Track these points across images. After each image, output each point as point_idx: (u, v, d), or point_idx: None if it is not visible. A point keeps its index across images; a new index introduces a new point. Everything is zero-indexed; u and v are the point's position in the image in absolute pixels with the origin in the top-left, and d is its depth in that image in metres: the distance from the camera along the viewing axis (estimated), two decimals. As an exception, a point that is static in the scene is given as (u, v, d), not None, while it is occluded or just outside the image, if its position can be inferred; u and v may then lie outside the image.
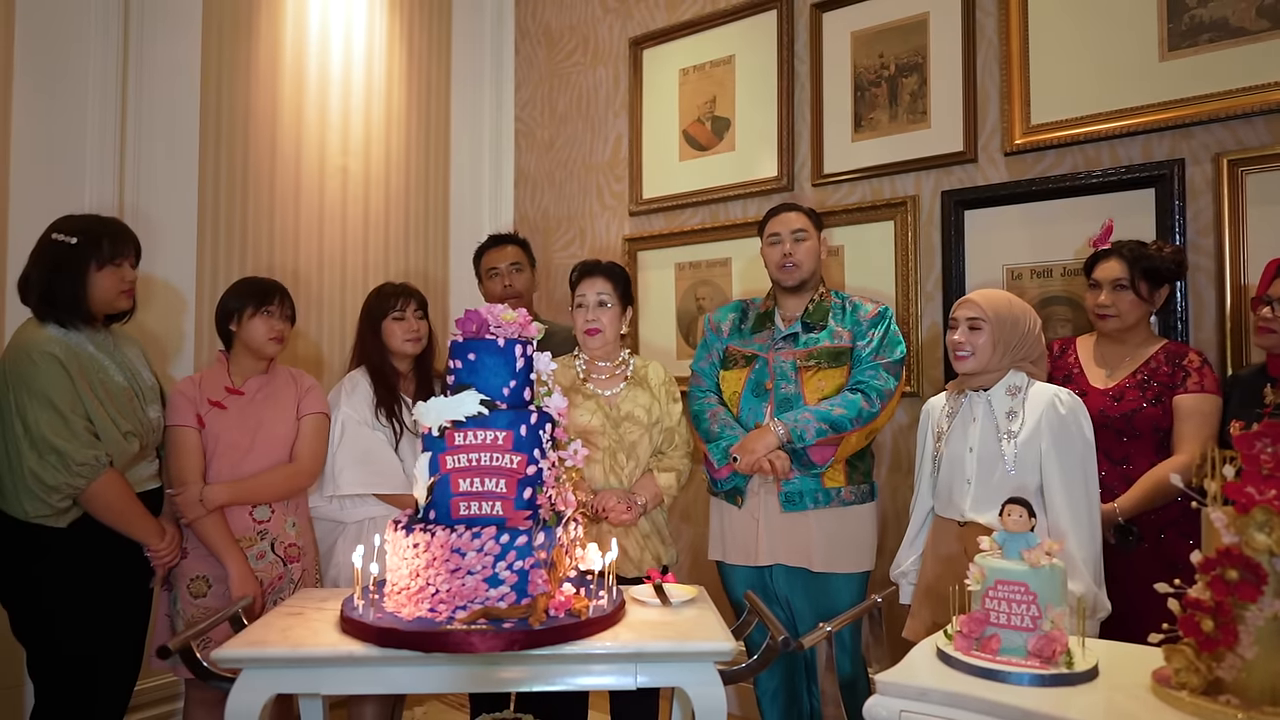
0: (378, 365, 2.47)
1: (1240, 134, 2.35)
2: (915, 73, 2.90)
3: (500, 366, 1.76)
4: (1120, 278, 2.19)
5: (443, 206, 3.91)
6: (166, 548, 2.13)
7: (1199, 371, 2.13)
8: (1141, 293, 2.18)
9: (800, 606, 2.36)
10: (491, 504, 1.69)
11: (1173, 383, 2.14)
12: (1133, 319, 2.21)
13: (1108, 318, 2.21)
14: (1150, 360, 2.20)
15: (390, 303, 2.49)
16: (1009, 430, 2.03)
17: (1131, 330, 2.22)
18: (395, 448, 2.40)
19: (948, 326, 2.16)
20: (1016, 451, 2.00)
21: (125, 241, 2.13)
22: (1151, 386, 2.15)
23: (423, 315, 2.54)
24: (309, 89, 3.37)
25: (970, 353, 2.06)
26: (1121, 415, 2.16)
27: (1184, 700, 1.29)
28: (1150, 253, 2.19)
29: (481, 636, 1.53)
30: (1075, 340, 2.37)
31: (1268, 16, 2.30)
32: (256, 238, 3.19)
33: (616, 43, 3.74)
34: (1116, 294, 2.20)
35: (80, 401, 1.97)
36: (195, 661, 1.60)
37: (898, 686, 1.46)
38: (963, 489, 2.07)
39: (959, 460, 2.08)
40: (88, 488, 1.97)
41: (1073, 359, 2.32)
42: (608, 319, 2.40)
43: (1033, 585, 1.48)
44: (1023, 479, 2.00)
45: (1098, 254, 2.27)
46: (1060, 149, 2.62)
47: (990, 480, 2.03)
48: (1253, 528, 1.29)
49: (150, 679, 2.69)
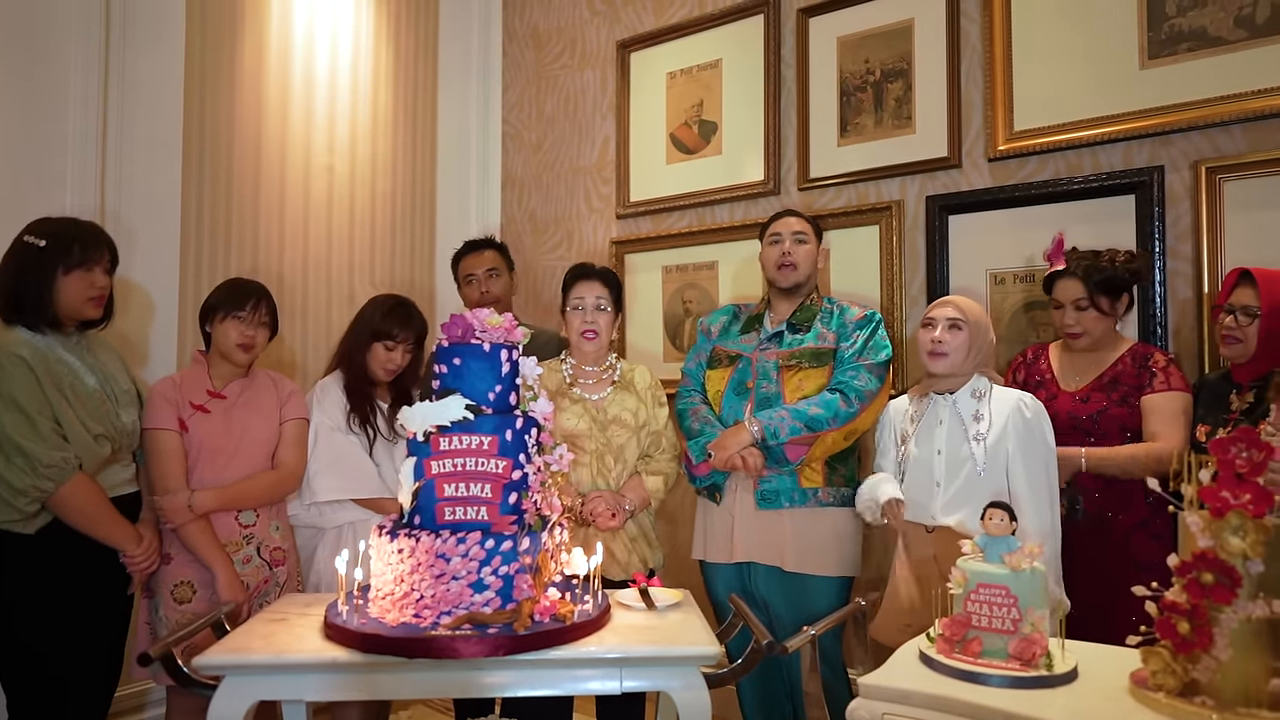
0: (356, 375, 2.41)
1: (1218, 142, 2.38)
2: (900, 78, 2.92)
3: (486, 371, 1.76)
4: (1080, 298, 2.21)
5: (429, 208, 3.91)
6: (143, 554, 2.10)
7: (1165, 371, 2.16)
8: (1103, 308, 2.20)
9: (779, 609, 2.37)
10: (477, 509, 1.69)
11: (1139, 384, 2.17)
12: (1100, 333, 2.23)
13: (1077, 335, 2.24)
14: (1117, 363, 2.23)
15: (390, 330, 2.39)
16: (977, 432, 2.06)
17: (1101, 341, 2.25)
18: (369, 453, 2.38)
19: (922, 325, 2.19)
20: (986, 453, 2.03)
21: (96, 246, 2.07)
22: (1119, 388, 2.18)
23: (413, 348, 2.44)
24: (294, 90, 3.36)
25: (948, 352, 2.10)
26: (1088, 416, 2.18)
27: (1161, 702, 1.31)
28: (1103, 265, 2.20)
29: (466, 642, 1.53)
30: (1048, 346, 2.40)
31: (1245, 26, 2.33)
32: (240, 240, 3.18)
33: (604, 45, 3.75)
34: (1080, 314, 2.22)
35: (48, 404, 1.94)
36: (177, 668, 1.59)
37: (880, 689, 1.47)
38: (931, 491, 2.09)
39: (927, 463, 2.11)
40: (56, 491, 1.93)
41: (1044, 364, 2.35)
42: (604, 322, 2.42)
43: (1014, 588, 1.50)
44: (991, 480, 2.03)
45: (1055, 273, 2.28)
46: (1043, 155, 2.64)
47: (959, 482, 2.06)
48: (1227, 532, 1.31)
49: (129, 686, 2.67)
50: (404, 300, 2.49)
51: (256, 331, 2.29)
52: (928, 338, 2.16)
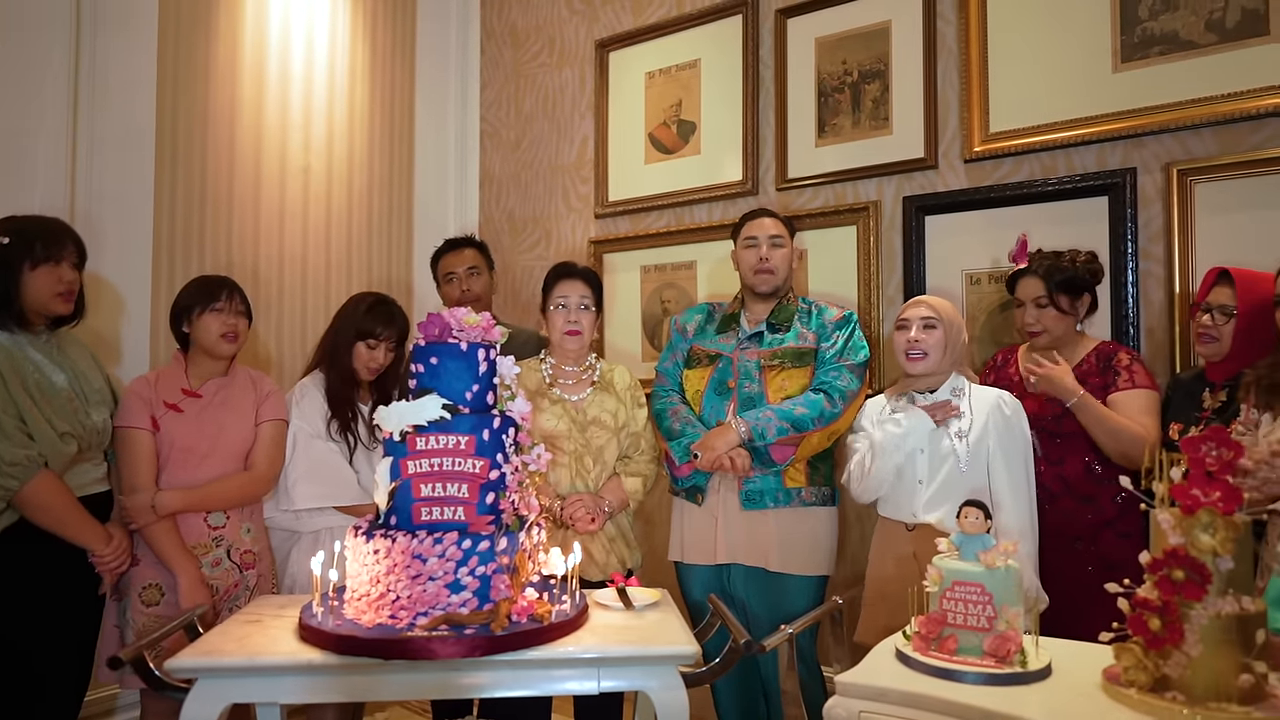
0: (339, 376, 2.38)
1: (1189, 144, 2.41)
2: (878, 79, 2.93)
3: (463, 371, 1.75)
4: (1040, 296, 2.23)
5: (406, 206, 3.88)
6: (112, 554, 2.07)
7: (1129, 370, 2.18)
8: (1063, 306, 2.22)
9: (757, 608, 2.37)
10: (454, 509, 1.68)
11: (1105, 383, 2.19)
12: (1060, 331, 2.25)
13: (1037, 334, 2.26)
14: (1082, 363, 2.24)
15: (372, 329, 2.36)
16: (959, 430, 2.08)
17: (1062, 339, 2.27)
18: (350, 460, 2.35)
19: (897, 327, 2.20)
20: (969, 450, 2.05)
21: (62, 242, 2.05)
22: (1084, 388, 2.18)
23: (396, 346, 2.42)
24: (269, 87, 3.33)
25: (924, 353, 2.11)
26: (1054, 417, 2.19)
27: (1132, 697, 1.32)
28: (1064, 265, 2.23)
29: (443, 643, 1.52)
30: (1017, 350, 2.42)
31: (1215, 30, 2.36)
32: (215, 238, 3.14)
33: (583, 44, 3.74)
34: (1040, 312, 2.24)
35: (12, 401, 1.91)
36: (148, 671, 1.57)
37: (857, 687, 1.48)
38: (914, 489, 2.11)
39: (910, 461, 2.12)
40: (21, 489, 1.91)
41: (1013, 369, 2.36)
42: (587, 322, 2.41)
43: (989, 586, 1.51)
44: (973, 477, 2.05)
45: (1017, 272, 2.31)
46: (1018, 157, 2.67)
47: (940, 479, 2.07)
48: (1198, 529, 1.33)
49: (98, 690, 2.63)
50: (385, 298, 2.47)
51: (237, 321, 2.28)
52: (903, 339, 2.17)
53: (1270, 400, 1.83)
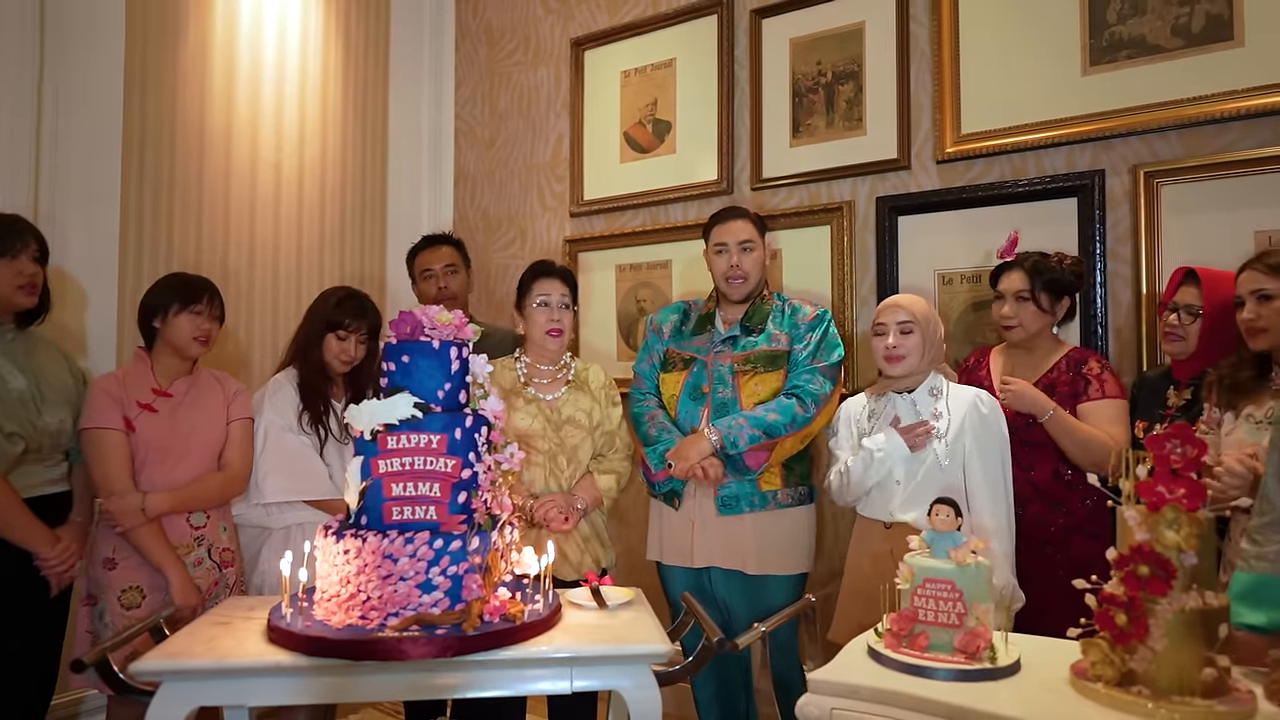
0: (311, 369, 2.37)
1: (1156, 147, 2.45)
2: (851, 80, 2.95)
3: (435, 369, 1.73)
4: (1022, 290, 2.25)
5: (380, 204, 3.85)
6: (57, 557, 2.04)
7: (1099, 379, 2.20)
8: (1043, 304, 2.24)
9: (737, 608, 2.38)
10: (425, 508, 1.66)
11: (1075, 390, 2.20)
12: (1035, 329, 2.26)
13: (1011, 328, 2.28)
14: (1053, 369, 2.26)
15: (343, 320, 2.36)
16: (937, 430, 2.09)
17: (1036, 339, 2.28)
18: (320, 453, 2.33)
19: (875, 333, 2.19)
20: (947, 450, 2.06)
21: (18, 234, 2.04)
22: (1053, 395, 2.19)
23: (368, 340, 2.41)
24: (240, 81, 3.28)
25: (904, 355, 2.12)
26: (1025, 424, 2.20)
27: (1099, 692, 1.34)
28: (1051, 265, 2.25)
29: (414, 643, 1.50)
30: (990, 351, 2.44)
31: (1181, 35, 2.40)
32: (184, 234, 3.10)
33: (558, 43, 3.73)
34: (1019, 305, 2.25)
35: None
36: (112, 675, 1.54)
37: (829, 684, 1.49)
38: (891, 489, 2.12)
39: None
40: None
41: (984, 371, 2.38)
42: (568, 321, 2.41)
43: (959, 583, 1.52)
44: (952, 476, 2.06)
45: (1002, 266, 2.33)
46: (989, 158, 2.69)
47: (919, 479, 2.08)
48: (1163, 525, 1.35)
49: (66, 694, 2.58)
50: (356, 291, 2.45)
51: (211, 326, 2.26)
52: (881, 345, 2.16)
53: (1232, 399, 1.86)
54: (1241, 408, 1.84)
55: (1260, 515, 1.54)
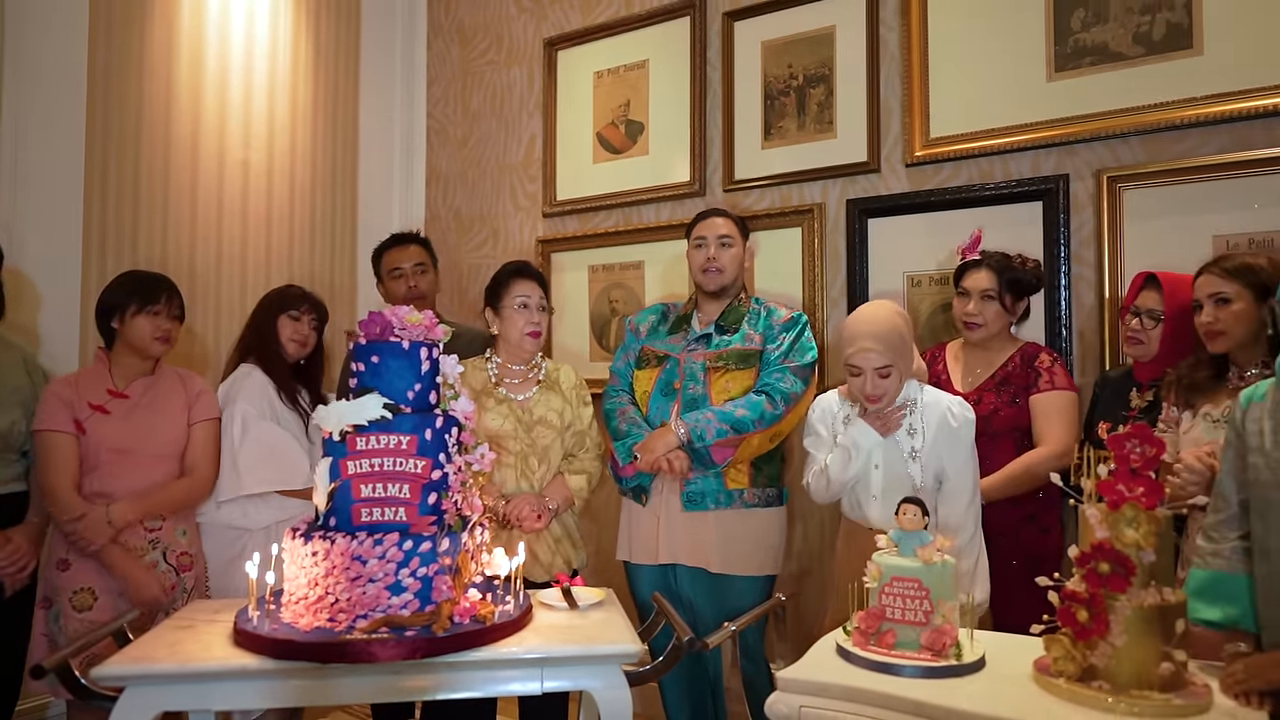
0: (270, 355, 2.39)
1: (1118, 152, 2.50)
2: (822, 84, 2.97)
3: (404, 369, 1.72)
4: (988, 289, 2.30)
5: (350, 203, 3.81)
6: (7, 558, 2.01)
7: (1049, 371, 2.26)
8: (1006, 304, 2.31)
9: (703, 608, 2.39)
10: (395, 510, 1.65)
11: (1027, 383, 2.27)
12: (996, 328, 2.33)
13: (974, 326, 2.32)
14: (1008, 363, 2.32)
15: (292, 302, 2.44)
16: (912, 448, 2.07)
17: (994, 337, 2.35)
18: (305, 433, 2.34)
19: (850, 372, 2.08)
20: (923, 470, 2.05)
21: None
22: (1008, 389, 2.28)
23: (317, 326, 2.49)
24: (207, 77, 3.24)
25: (883, 394, 2.06)
26: (981, 417, 2.22)
27: (1061, 687, 1.36)
28: (1015, 266, 2.32)
29: (383, 645, 1.49)
30: (945, 347, 2.49)
31: (1142, 43, 2.45)
32: (149, 233, 3.05)
33: (531, 43, 3.72)
34: (983, 304, 2.31)
35: None
36: (73, 680, 1.51)
37: (798, 683, 1.50)
38: (868, 502, 2.11)
39: (864, 476, 2.11)
40: None
41: (941, 366, 2.44)
42: (545, 323, 2.42)
43: (925, 581, 1.54)
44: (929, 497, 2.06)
45: (966, 264, 2.38)
46: (957, 162, 2.73)
47: (896, 496, 2.06)
48: (1123, 523, 1.38)
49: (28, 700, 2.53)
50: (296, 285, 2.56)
51: (171, 325, 2.23)
52: (859, 388, 2.06)
53: (1190, 398, 1.90)
54: (1200, 407, 1.88)
55: (1215, 512, 1.58)
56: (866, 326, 2.05)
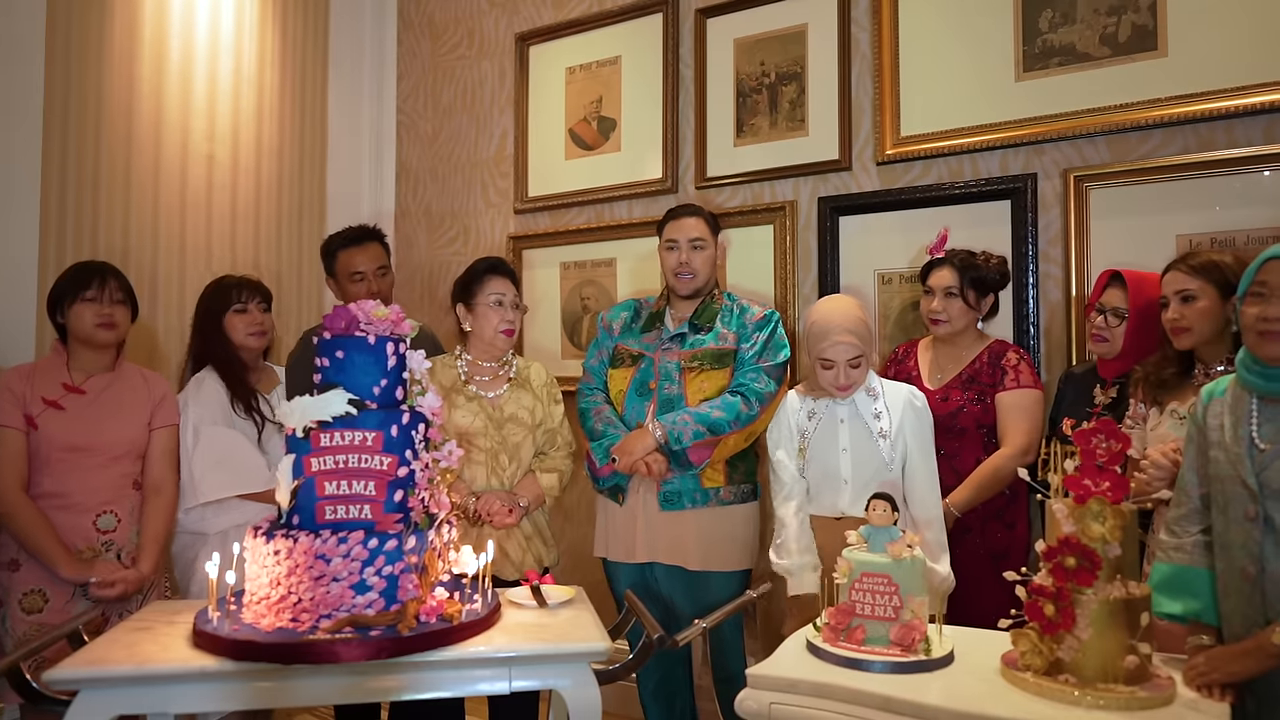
0: (225, 359, 2.33)
1: (1085, 152, 2.52)
2: (794, 81, 2.98)
3: (370, 365, 1.69)
4: (951, 286, 2.33)
5: (318, 199, 3.75)
6: None
7: (1015, 369, 2.29)
8: (970, 300, 2.33)
9: (681, 605, 2.38)
10: (360, 507, 1.62)
11: (994, 381, 2.30)
12: (961, 324, 2.35)
13: (939, 323, 2.35)
14: (975, 361, 2.35)
15: (232, 295, 2.37)
16: (881, 430, 2.11)
17: (961, 334, 2.37)
18: (259, 442, 2.27)
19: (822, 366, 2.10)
20: (892, 448, 2.09)
21: None
22: (975, 385, 2.30)
23: (266, 309, 2.43)
24: (170, 68, 3.16)
25: (853, 383, 2.10)
26: (948, 414, 2.28)
27: (1028, 680, 1.37)
28: (979, 263, 2.35)
29: (346, 645, 1.47)
30: (916, 344, 2.51)
31: (1109, 44, 2.47)
32: (109, 228, 2.97)
33: (502, 37, 3.69)
34: (947, 301, 2.33)
35: None
36: (24, 684, 1.47)
37: (768, 679, 1.50)
38: (838, 488, 2.12)
39: (832, 462, 2.13)
40: None
41: (913, 363, 2.47)
42: (518, 321, 2.40)
43: (895, 576, 1.54)
44: (897, 474, 2.10)
45: (932, 262, 2.40)
46: (927, 160, 2.74)
47: (866, 478, 2.10)
48: (1089, 518, 1.39)
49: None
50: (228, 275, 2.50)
51: (114, 309, 2.16)
52: (830, 379, 2.10)
53: (1157, 395, 1.92)
54: (1166, 403, 1.91)
55: (1177, 507, 1.59)
56: (839, 320, 2.10)
